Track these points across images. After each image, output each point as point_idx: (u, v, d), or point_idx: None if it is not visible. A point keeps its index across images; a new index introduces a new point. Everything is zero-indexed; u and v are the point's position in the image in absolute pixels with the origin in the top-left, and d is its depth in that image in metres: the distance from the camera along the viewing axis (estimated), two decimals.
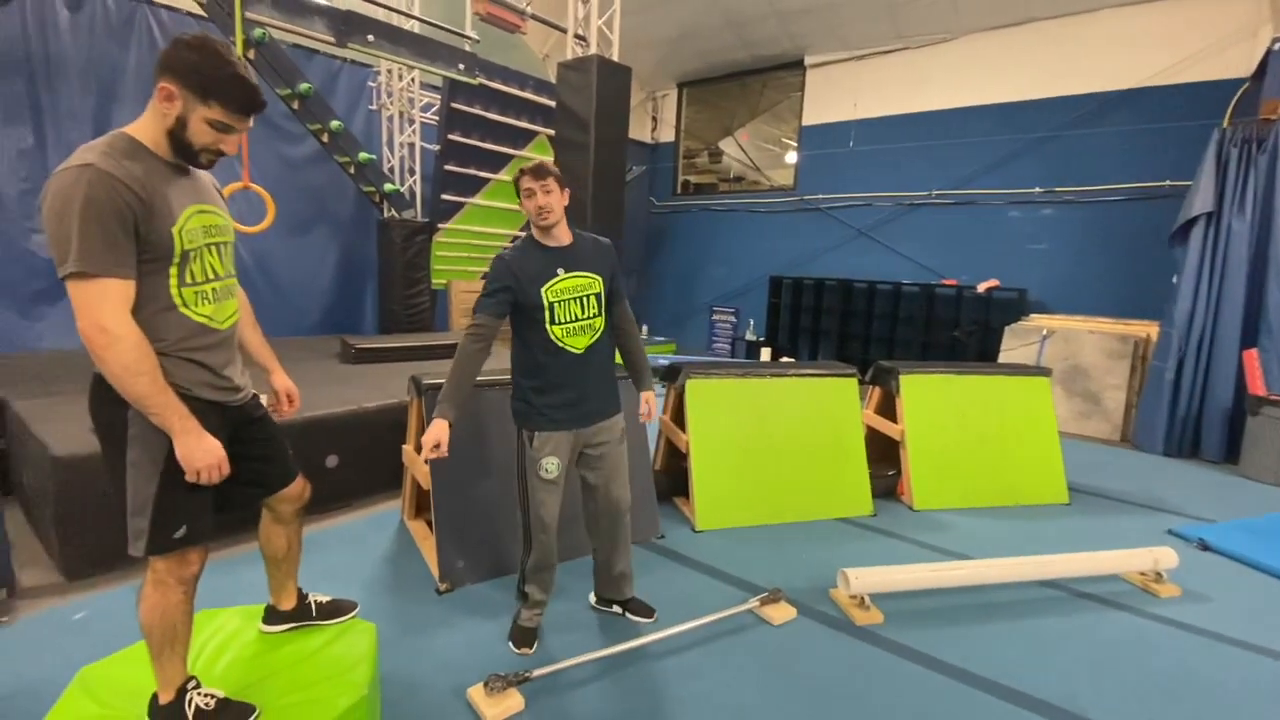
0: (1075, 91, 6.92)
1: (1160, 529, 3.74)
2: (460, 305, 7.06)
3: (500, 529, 2.91)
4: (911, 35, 7.76)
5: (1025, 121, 7.20)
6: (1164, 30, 6.41)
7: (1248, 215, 5.10)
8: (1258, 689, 2.33)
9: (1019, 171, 7.26)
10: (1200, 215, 5.25)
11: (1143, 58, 6.52)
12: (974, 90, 7.54)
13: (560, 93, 4.32)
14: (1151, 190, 6.42)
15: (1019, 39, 7.20)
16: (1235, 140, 5.21)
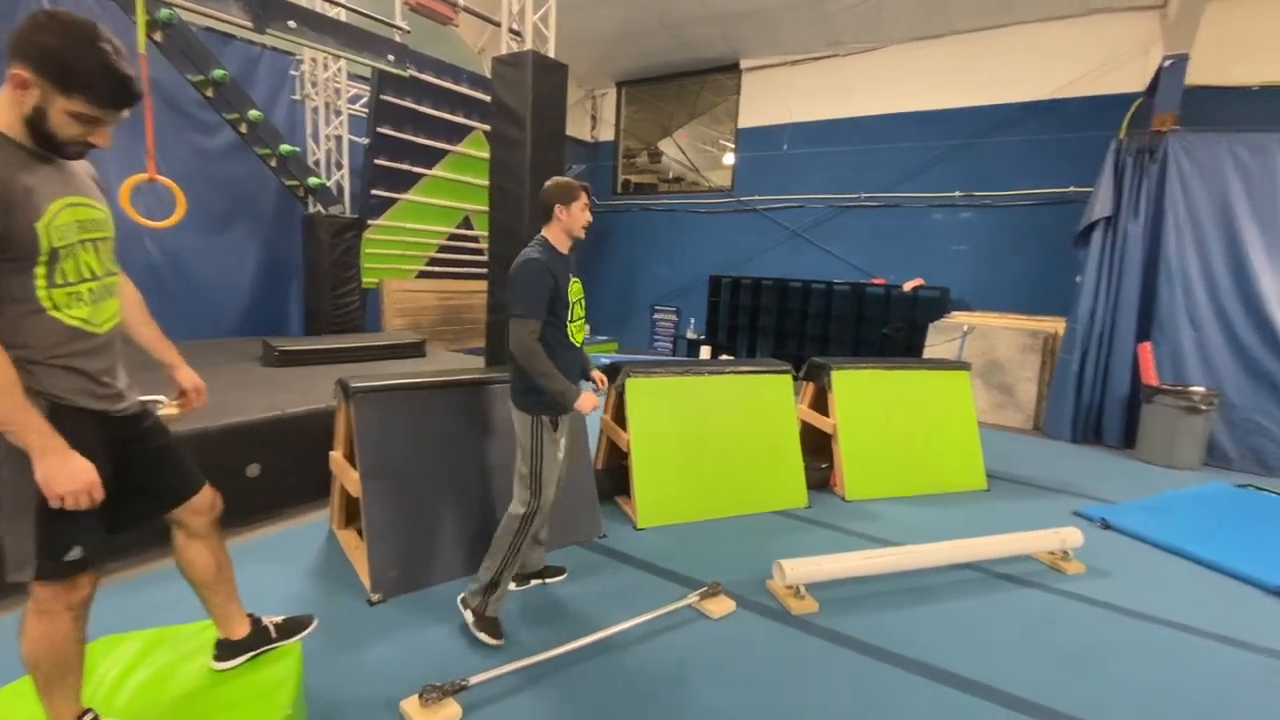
0: (991, 102, 7.34)
1: (1067, 510, 4.02)
2: (394, 305, 6.83)
3: (436, 534, 2.83)
4: (842, 43, 8.03)
5: (946, 129, 7.59)
6: (1069, 46, 6.88)
7: (1141, 220, 5.55)
8: (1153, 655, 2.55)
9: (941, 177, 7.64)
10: (1100, 219, 5.68)
11: (1051, 71, 6.98)
12: (900, 98, 7.88)
13: (495, 88, 4.23)
14: (1058, 196, 6.89)
15: (940, 51, 7.58)
16: (1131, 150, 5.65)
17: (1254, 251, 5.12)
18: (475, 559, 2.85)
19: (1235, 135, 5.28)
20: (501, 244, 4.07)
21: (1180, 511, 3.98)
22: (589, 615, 2.54)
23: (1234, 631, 2.71)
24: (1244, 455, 5.12)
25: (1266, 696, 2.31)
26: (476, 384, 3.06)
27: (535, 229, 2.39)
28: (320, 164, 6.51)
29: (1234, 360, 5.19)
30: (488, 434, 3.05)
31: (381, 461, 2.75)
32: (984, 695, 2.24)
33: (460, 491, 2.92)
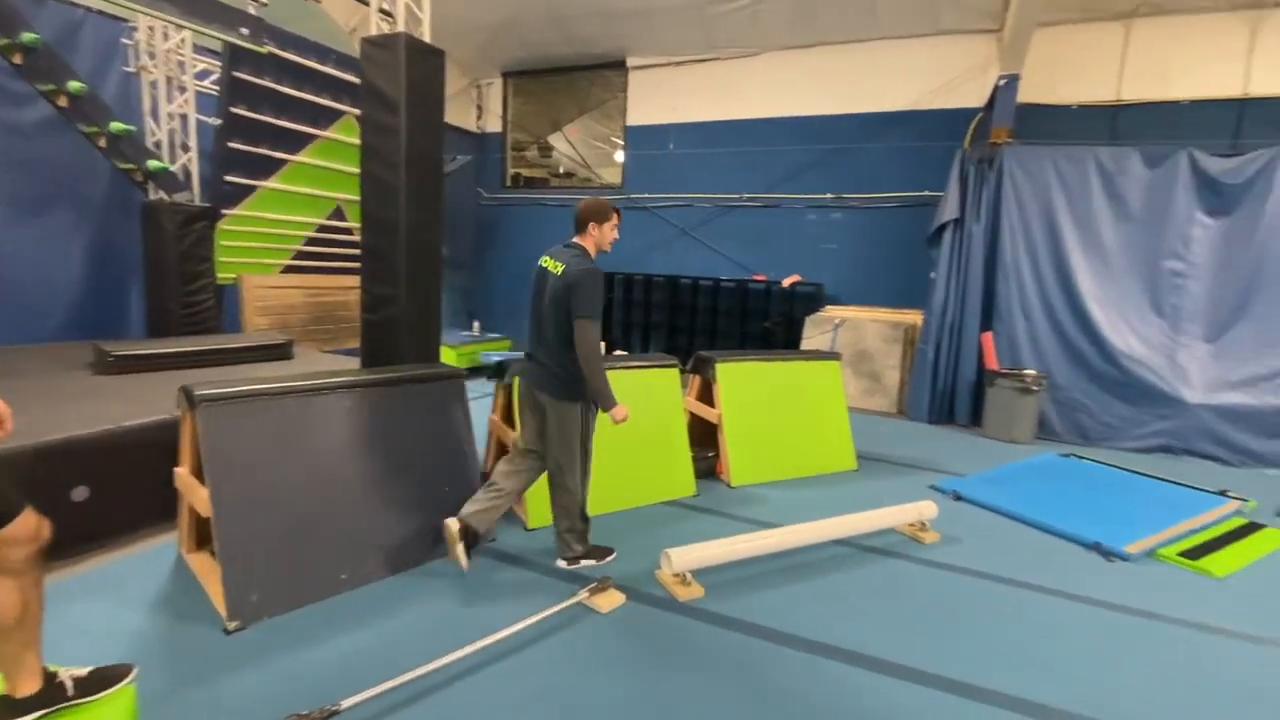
0: (858, 110, 7.89)
1: (925, 485, 4.42)
2: (256, 303, 6.22)
3: (302, 552, 2.62)
4: (722, 47, 8.30)
5: (818, 135, 8.07)
6: (923, 62, 7.54)
7: (982, 222, 6.21)
8: (997, 610, 2.86)
9: (814, 180, 8.12)
10: (948, 221, 6.29)
11: (908, 85, 7.61)
12: (777, 103, 8.28)
13: (365, 71, 3.95)
14: (916, 199, 7.54)
15: (812, 60, 8.04)
16: (973, 160, 6.30)
17: (1073, 251, 5.88)
18: (349, 572, 2.68)
19: (1057, 148, 6.03)
20: (374, 236, 3.83)
21: (1017, 481, 4.50)
22: (476, 622, 2.46)
23: (1061, 585, 3.10)
24: (1068, 428, 5.88)
25: (1086, 637, 2.67)
26: (344, 387, 2.86)
27: (413, 220, 2.33)
28: (162, 145, 5.80)
29: (1058, 346, 5.94)
30: (358, 440, 2.86)
31: (234, 476, 2.50)
32: (853, 661, 2.41)
33: (329, 504, 2.72)
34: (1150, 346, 5.60)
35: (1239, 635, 2.73)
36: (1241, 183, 5.42)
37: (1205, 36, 6.44)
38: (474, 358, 7.51)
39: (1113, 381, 5.67)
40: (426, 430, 3.09)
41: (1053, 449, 5.49)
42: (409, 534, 2.93)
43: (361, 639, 2.37)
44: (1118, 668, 2.47)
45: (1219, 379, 5.41)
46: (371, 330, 3.91)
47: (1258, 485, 4.71)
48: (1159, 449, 5.52)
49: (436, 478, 3.08)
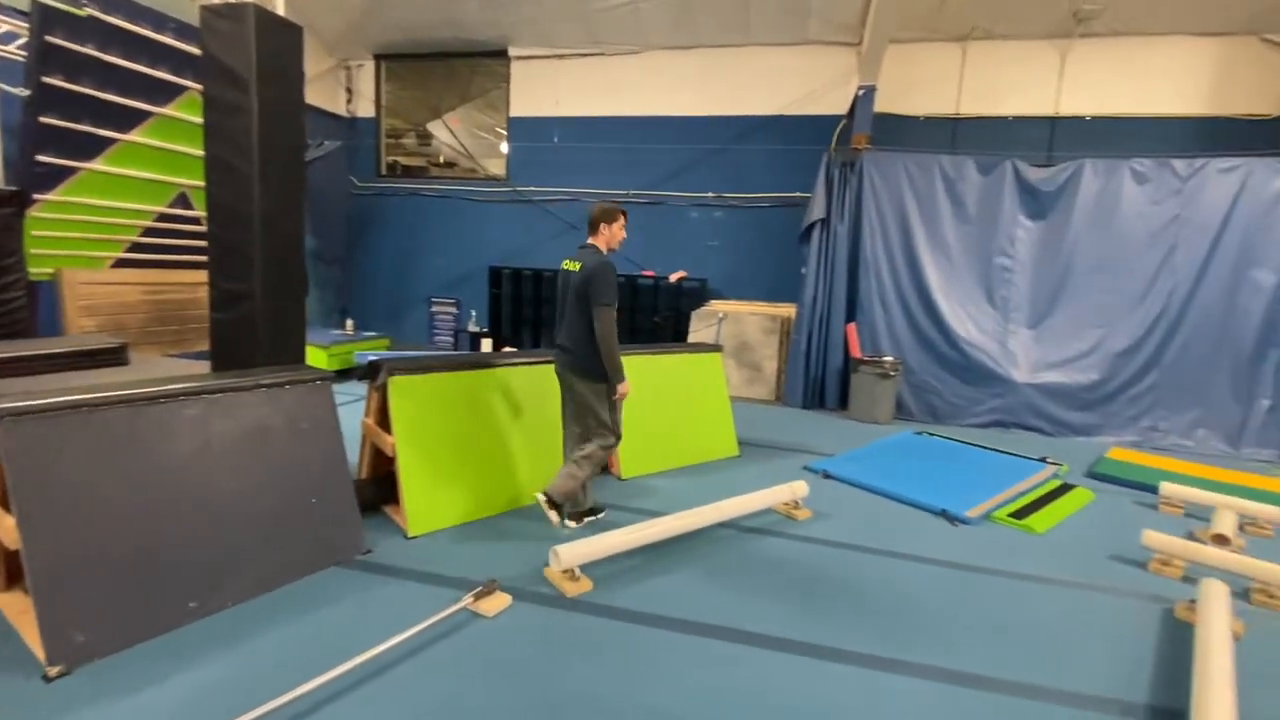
0: (735, 113, 8.23)
1: (799, 466, 4.72)
2: (80, 301, 5.42)
3: (144, 579, 2.33)
4: (605, 43, 8.33)
5: (700, 134, 8.33)
6: (793, 70, 7.99)
7: (846, 222, 6.71)
8: (862, 577, 3.12)
9: (697, 178, 8.38)
10: (816, 221, 6.74)
11: (781, 90, 8.04)
12: (660, 102, 8.44)
13: (206, 42, 3.56)
14: (789, 200, 8.00)
15: (692, 61, 8.27)
16: (837, 164, 6.78)
17: (922, 249, 6.50)
18: (199, 600, 2.44)
19: (909, 155, 6.63)
20: (223, 226, 3.48)
21: (878, 458, 4.93)
22: (348, 641, 2.31)
23: (914, 549, 3.43)
24: (921, 408, 6.52)
25: (935, 594, 2.98)
26: (187, 394, 2.58)
27: (269, 209, 2.12)
28: None
29: (911, 335, 6.56)
30: (206, 453, 2.59)
31: (49, 501, 2.18)
32: (733, 638, 2.53)
33: (172, 525, 2.45)
34: (986, 333, 6.33)
35: (1055, 581, 3.17)
36: (1054, 190, 6.25)
37: (1025, 60, 7.35)
38: (347, 358, 7.04)
39: (957, 365, 6.35)
40: (288, 438, 2.85)
41: (909, 428, 6.06)
42: (271, 553, 2.70)
43: (213, 673, 2.16)
44: (961, 618, 2.78)
45: (1040, 361, 6.23)
46: (222, 330, 3.56)
47: (1071, 451, 5.48)
48: (994, 423, 6.27)
49: (301, 490, 2.86)
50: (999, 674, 2.39)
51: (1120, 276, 6.09)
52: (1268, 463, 5.60)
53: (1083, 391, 6.11)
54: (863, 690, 2.27)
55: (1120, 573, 3.30)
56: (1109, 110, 7.24)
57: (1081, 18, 6.84)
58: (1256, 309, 5.79)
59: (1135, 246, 6.06)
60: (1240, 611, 2.86)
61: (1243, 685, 2.16)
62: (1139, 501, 4.39)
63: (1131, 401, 6.07)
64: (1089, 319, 6.16)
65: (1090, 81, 7.23)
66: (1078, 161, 6.22)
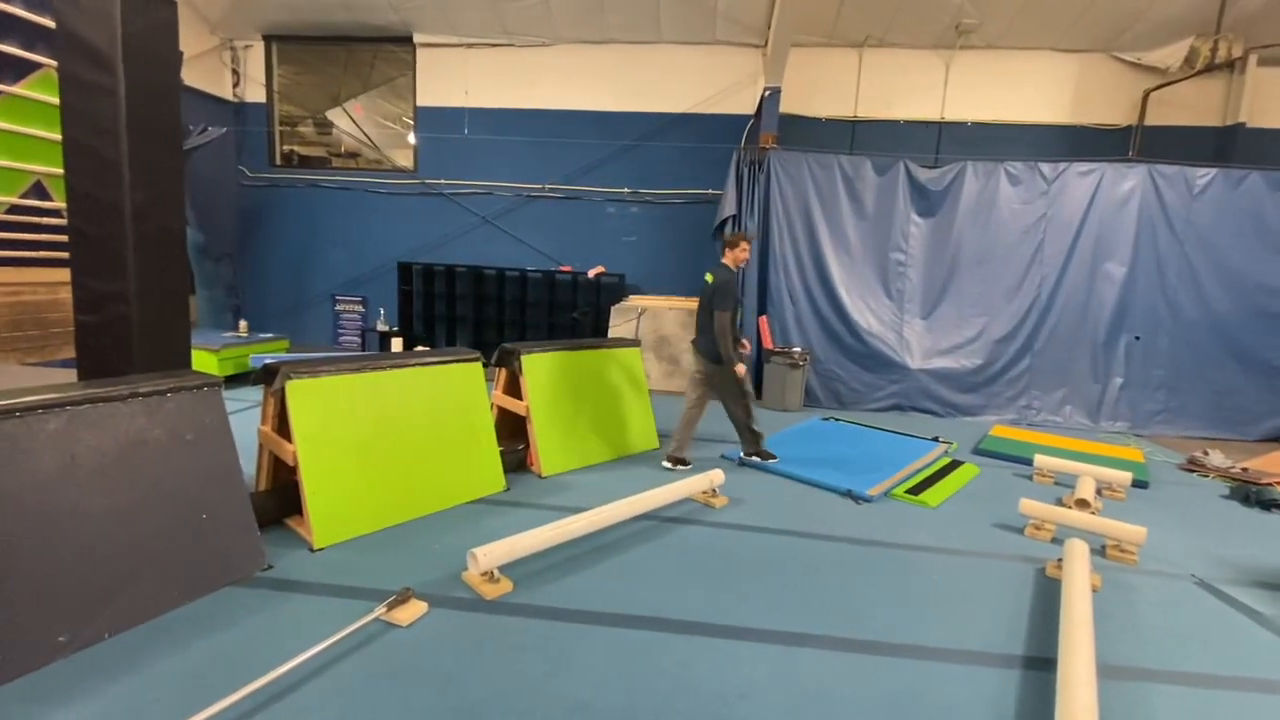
0: (648, 109, 8.30)
1: (717, 455, 4.86)
2: None
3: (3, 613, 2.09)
4: (516, 33, 8.17)
5: (614, 130, 8.35)
6: (704, 69, 8.16)
7: (756, 218, 6.94)
8: (774, 557, 3.25)
9: (612, 173, 8.40)
10: (729, 217, 6.94)
11: (692, 88, 8.19)
12: (574, 96, 8.38)
13: (63, 15, 3.20)
14: (702, 196, 8.18)
15: (604, 56, 8.27)
16: (746, 162, 7.00)
17: (826, 244, 6.84)
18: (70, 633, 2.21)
19: (812, 154, 6.94)
20: (87, 220, 3.15)
21: (788, 444, 5.14)
22: (248, 664, 2.17)
23: (822, 529, 3.63)
24: (827, 396, 6.87)
25: (841, 570, 3.16)
26: (46, 407, 2.31)
27: (142, 200, 1.86)
28: None
29: (818, 326, 6.89)
30: (72, 471, 2.35)
31: None
32: (652, 626, 2.58)
33: (33, 553, 2.20)
34: (884, 324, 6.76)
35: (946, 550, 3.45)
36: (941, 189, 6.75)
37: (915, 68, 7.88)
38: (242, 362, 6.55)
39: (859, 354, 6.75)
40: (170, 451, 2.62)
41: (817, 414, 6.37)
42: (155, 576, 2.48)
43: (88, 711, 1.96)
44: (865, 590, 2.97)
45: (931, 348, 6.72)
46: (91, 335, 3.23)
47: (959, 430, 5.96)
48: (892, 408, 6.72)
49: (190, 505, 2.64)
50: (899, 639, 2.58)
51: (998, 269, 6.67)
52: (1120, 433, 6.33)
53: (968, 375, 6.65)
54: (777, 665, 2.38)
55: (1001, 538, 3.63)
56: (987, 117, 7.90)
57: (962, 30, 7.41)
58: (1110, 297, 6.52)
59: (1010, 242, 6.65)
60: (1098, 566, 3.23)
61: (1101, 631, 2.43)
62: (1017, 473, 4.84)
63: (1010, 383, 6.68)
64: (973, 309, 6.72)
65: (971, 89, 7.86)
66: (961, 163, 6.74)
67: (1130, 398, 6.55)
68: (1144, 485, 4.65)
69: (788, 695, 2.21)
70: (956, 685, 2.32)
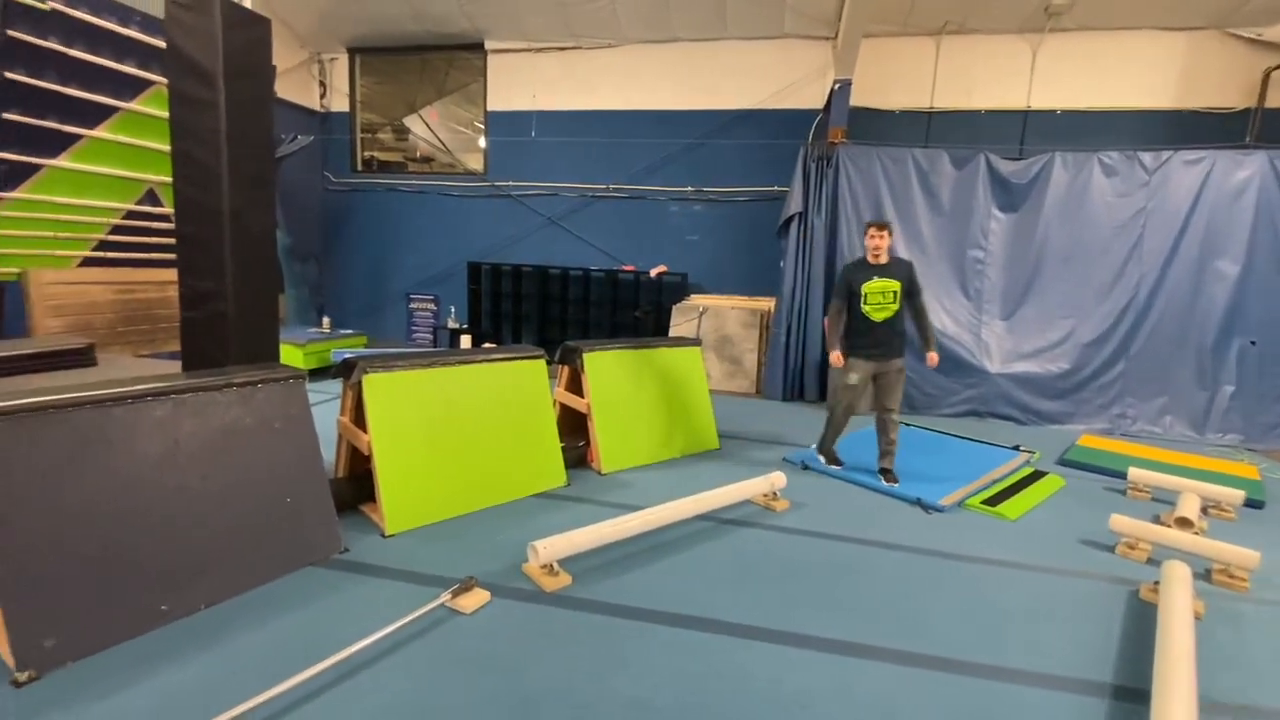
0: (713, 107, 8.24)
1: (778, 458, 4.77)
2: (47, 302, 5.28)
3: (114, 582, 2.30)
4: (583, 36, 8.29)
5: (678, 129, 8.33)
6: (770, 63, 8.02)
7: (823, 215, 6.76)
8: (837, 565, 3.16)
9: (676, 172, 8.39)
10: (794, 214, 6.78)
11: (758, 84, 8.06)
12: (639, 96, 8.42)
13: (172, 36, 3.49)
14: (767, 194, 8.04)
15: (669, 55, 8.26)
16: (814, 157, 6.82)
17: (898, 241, 6.57)
18: (171, 602, 2.41)
19: (884, 149, 6.70)
20: (192, 224, 3.42)
21: (856, 449, 4.97)
22: (324, 640, 2.30)
23: (888, 537, 3.49)
24: None
25: (909, 581, 3.04)
26: (155, 395, 2.53)
27: (238, 205, 2.04)
28: None
29: None
30: (176, 454, 2.56)
31: (14, 504, 2.14)
32: (711, 628, 2.56)
33: (142, 528, 2.41)
34: (960, 325, 6.43)
35: (1025, 565, 3.25)
36: (1026, 182, 6.35)
37: (998, 55, 7.45)
38: (324, 356, 6.96)
39: None
40: (260, 438, 2.82)
41: None
42: (245, 554, 2.68)
43: (185, 675, 2.14)
44: (932, 603, 2.84)
45: (1013, 351, 6.34)
46: (193, 329, 3.51)
47: (1043, 439, 5.60)
48: (968, 413, 6.38)
49: (275, 490, 2.83)
50: (968, 656, 2.45)
51: (1089, 267, 6.22)
52: (1231, 447, 5.77)
53: (1054, 381, 6.23)
54: (835, 675, 2.31)
55: (1088, 556, 3.39)
56: (1078, 104, 7.37)
57: (1052, 12, 6.94)
58: (1220, 298, 5.95)
59: (1103, 238, 6.18)
60: (1201, 592, 2.96)
61: (1202, 663, 2.23)
62: (1108, 487, 4.50)
63: (1101, 390, 6.21)
64: (1059, 310, 6.29)
65: (1060, 76, 7.35)
66: (1048, 154, 6.33)
67: (1243, 407, 5.96)
68: (1259, 505, 4.22)
69: (849, 707, 2.14)
70: (1033, 710, 2.18)
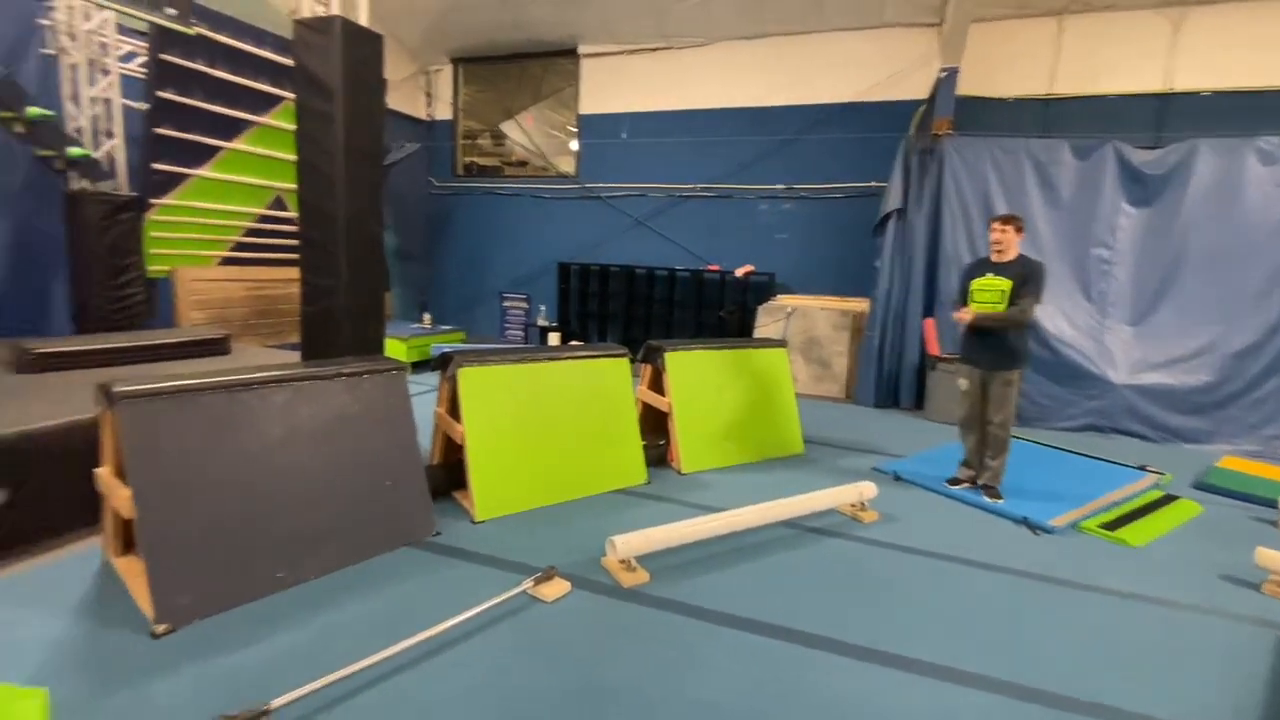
0: (807, 101, 8.00)
1: (868, 467, 4.56)
2: (191, 297, 5.96)
3: (239, 550, 2.55)
4: (674, 35, 8.30)
5: (770, 125, 8.16)
6: (868, 54, 7.68)
7: (924, 211, 6.39)
8: (930, 583, 2.98)
9: (766, 170, 8.22)
10: (892, 211, 6.45)
11: (855, 76, 7.75)
12: (729, 93, 8.33)
13: (298, 55, 3.83)
14: (863, 190, 7.71)
15: (762, 51, 8.11)
16: (916, 150, 6.47)
17: None
18: (286, 570, 2.63)
19: (994, 140, 6.24)
20: (313, 227, 3.73)
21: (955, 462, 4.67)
22: (417, 616, 2.44)
23: (989, 558, 3.25)
24: None
25: (1011, 606, 2.81)
26: (276, 382, 2.78)
27: (352, 210, 2.24)
28: (83, 131, 5.49)
29: None
30: (294, 436, 2.80)
31: (159, 475, 2.42)
32: (789, 638, 2.49)
33: (263, 501, 2.66)
34: (1080, 330, 5.88)
35: (1152, 600, 2.92)
36: (1163, 174, 5.72)
37: (1131, 33, 6.74)
38: (425, 350, 7.38)
39: (1046, 364, 5.92)
40: (366, 424, 3.03)
41: None
42: (350, 530, 2.88)
43: (297, 637, 2.34)
44: (1039, 632, 2.61)
45: (1142, 360, 5.72)
46: (311, 322, 3.83)
47: (1176, 459, 5.01)
48: (1088, 427, 5.82)
49: (378, 473, 3.04)
50: (1081, 693, 2.23)
51: (1240, 268, 5.50)
52: None
53: (1193, 395, 5.56)
54: (929, 699, 2.17)
55: (1228, 593, 3.00)
56: (1230, 84, 6.53)
57: None
58: None
59: (1260, 235, 5.45)
60: None
61: None
62: (1255, 516, 3.97)
63: (1253, 407, 5.47)
64: (1201, 315, 5.60)
65: (1207, 52, 6.54)
66: (1191, 142, 5.66)
67: None
68: None
69: None
70: None
